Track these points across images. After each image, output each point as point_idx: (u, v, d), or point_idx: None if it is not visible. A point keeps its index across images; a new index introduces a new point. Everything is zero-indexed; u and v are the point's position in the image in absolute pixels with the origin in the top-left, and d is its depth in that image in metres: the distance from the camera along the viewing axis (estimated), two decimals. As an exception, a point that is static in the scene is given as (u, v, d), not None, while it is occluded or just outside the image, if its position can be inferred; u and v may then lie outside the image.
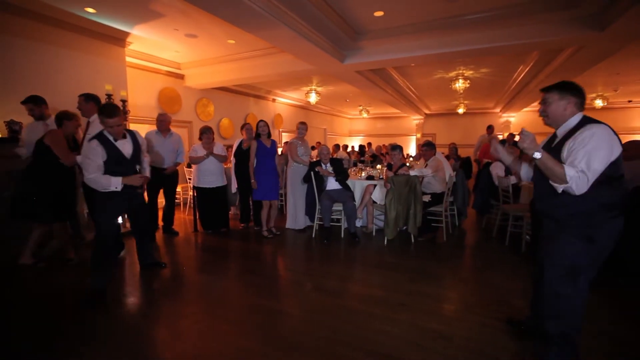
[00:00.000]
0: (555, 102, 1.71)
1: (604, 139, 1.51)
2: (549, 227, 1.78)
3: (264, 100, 9.51)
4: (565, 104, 1.68)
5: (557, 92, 1.70)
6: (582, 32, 4.03)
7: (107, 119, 2.47)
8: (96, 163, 2.46)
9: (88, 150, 2.47)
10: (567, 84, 1.71)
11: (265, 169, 4.25)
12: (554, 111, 1.72)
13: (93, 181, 2.47)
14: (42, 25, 3.93)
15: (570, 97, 1.68)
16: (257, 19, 3.56)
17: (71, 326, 2.24)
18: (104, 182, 2.49)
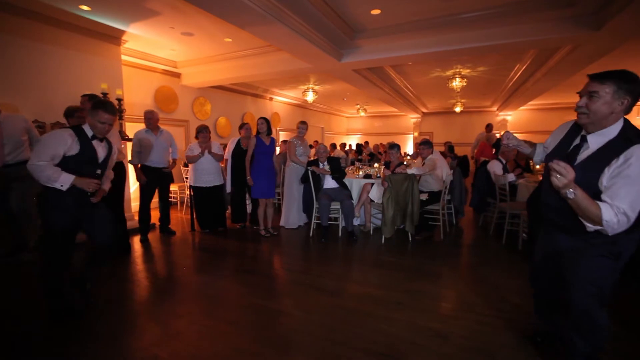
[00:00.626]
0: (605, 99, 1.30)
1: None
2: (569, 243, 1.54)
3: (261, 98, 9.48)
4: (617, 106, 1.31)
5: (614, 85, 1.29)
6: (578, 31, 4.04)
7: (103, 113, 2.22)
8: (54, 152, 2.14)
9: (53, 136, 2.17)
10: (630, 75, 1.30)
11: (263, 166, 4.24)
12: (601, 111, 1.32)
13: (38, 169, 2.09)
14: (36, 24, 3.89)
15: (627, 96, 1.29)
16: (253, 16, 3.54)
17: (65, 326, 2.22)
18: (51, 174, 2.11)
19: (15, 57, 3.76)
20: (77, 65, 4.32)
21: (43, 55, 3.99)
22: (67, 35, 4.20)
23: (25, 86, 3.82)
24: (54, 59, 4.09)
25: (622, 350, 1.96)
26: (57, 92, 4.06)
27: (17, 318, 2.35)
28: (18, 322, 2.29)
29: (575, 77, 6.69)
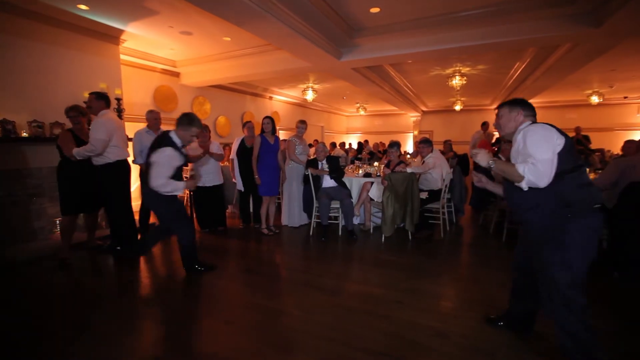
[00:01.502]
0: (505, 116, 1.84)
1: (537, 132, 1.61)
2: (531, 236, 1.82)
3: (260, 97, 9.46)
4: (516, 116, 1.81)
5: (508, 107, 1.85)
6: (578, 29, 4.03)
7: (193, 128, 2.74)
8: (172, 169, 2.68)
9: (166, 157, 2.63)
10: (516, 99, 1.87)
11: (268, 165, 4.27)
12: (505, 124, 1.84)
13: (163, 186, 2.63)
14: (34, 23, 3.88)
15: (520, 109, 1.80)
16: (251, 14, 3.53)
17: (66, 324, 2.22)
18: (173, 188, 2.68)
19: (14, 57, 3.75)
20: (76, 64, 4.31)
21: (42, 55, 3.98)
22: (66, 35, 4.19)
23: (23, 86, 3.81)
24: (52, 58, 4.08)
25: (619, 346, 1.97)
26: (55, 91, 4.06)
27: (15, 318, 2.36)
28: (15, 322, 2.30)
29: (575, 75, 6.68)
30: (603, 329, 2.15)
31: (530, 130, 1.64)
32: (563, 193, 1.59)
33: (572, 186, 1.59)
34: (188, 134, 2.74)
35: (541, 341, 2.02)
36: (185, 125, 2.72)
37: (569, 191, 1.59)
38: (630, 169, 2.98)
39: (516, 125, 1.80)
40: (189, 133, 2.74)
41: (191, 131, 2.74)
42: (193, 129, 2.73)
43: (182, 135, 2.75)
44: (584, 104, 10.36)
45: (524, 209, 1.74)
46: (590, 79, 8.03)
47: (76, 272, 3.19)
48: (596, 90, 9.28)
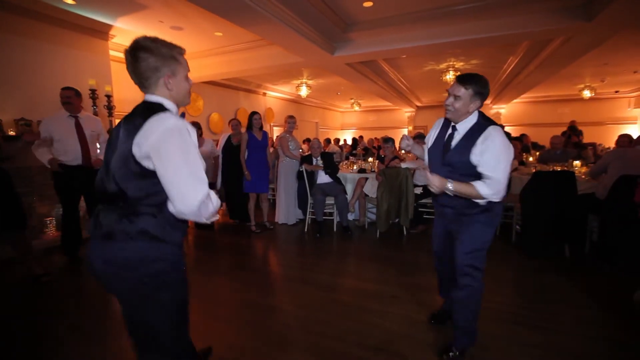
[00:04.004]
0: (465, 100, 1.65)
1: (502, 142, 1.58)
2: (457, 217, 1.81)
3: (254, 94, 9.38)
4: (472, 106, 1.66)
5: (472, 89, 1.63)
6: (570, 22, 4.04)
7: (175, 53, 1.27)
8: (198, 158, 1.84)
9: (179, 134, 1.17)
10: (482, 79, 1.65)
11: (256, 161, 4.21)
12: (461, 109, 1.66)
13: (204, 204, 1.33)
14: (19, 18, 3.78)
15: (478, 101, 1.65)
16: (242, 10, 3.47)
17: (59, 325, 2.19)
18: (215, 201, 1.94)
19: (0, 52, 3.65)
20: (64, 61, 4.22)
21: (28, 51, 3.88)
22: (53, 30, 4.09)
23: (10, 83, 3.72)
24: (39, 54, 3.98)
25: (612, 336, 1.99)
26: (43, 89, 3.96)
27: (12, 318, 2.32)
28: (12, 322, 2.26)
29: (568, 69, 6.72)
30: (595, 321, 2.17)
31: (496, 138, 1.57)
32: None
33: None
34: (182, 78, 1.20)
35: (535, 333, 2.04)
36: (169, 65, 1.16)
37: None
38: (619, 160, 3.03)
39: (468, 114, 1.69)
40: (182, 72, 1.20)
41: (184, 65, 1.21)
42: (182, 59, 1.20)
43: (175, 88, 1.19)
44: (576, 98, 10.43)
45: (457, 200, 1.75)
46: (582, 73, 8.08)
47: (68, 272, 3.15)
48: (588, 84, 9.34)
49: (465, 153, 1.65)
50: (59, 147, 3.14)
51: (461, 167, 1.68)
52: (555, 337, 2.01)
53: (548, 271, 2.96)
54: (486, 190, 1.58)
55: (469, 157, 1.64)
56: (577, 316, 2.23)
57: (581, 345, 1.93)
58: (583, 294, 2.54)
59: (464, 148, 1.66)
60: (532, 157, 5.51)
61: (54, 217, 4.03)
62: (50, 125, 3.11)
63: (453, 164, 1.71)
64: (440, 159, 1.78)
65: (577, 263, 3.14)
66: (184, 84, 1.20)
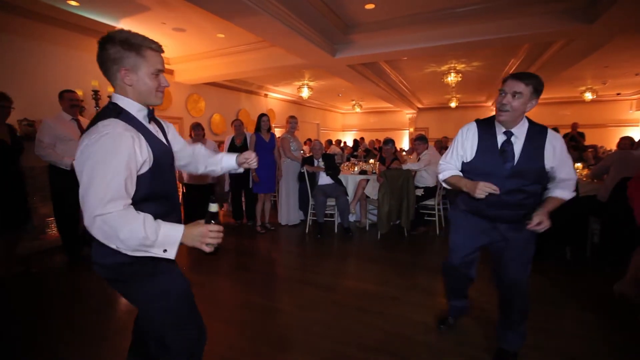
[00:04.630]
0: (525, 98, 1.51)
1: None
2: (510, 230, 1.72)
3: (255, 95, 9.40)
4: (529, 106, 1.56)
5: (533, 85, 1.50)
6: (572, 25, 4.04)
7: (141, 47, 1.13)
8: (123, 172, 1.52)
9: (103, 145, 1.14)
10: (539, 76, 1.55)
11: (263, 162, 4.24)
12: (520, 108, 1.53)
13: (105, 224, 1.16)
14: (24, 20, 3.80)
15: (535, 100, 1.55)
16: (243, 10, 3.49)
17: (60, 327, 2.20)
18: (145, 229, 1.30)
19: (3, 54, 3.68)
20: (67, 62, 4.24)
21: (32, 52, 3.91)
22: (56, 32, 4.11)
23: (13, 84, 3.74)
24: (43, 56, 4.01)
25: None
26: (46, 89, 3.98)
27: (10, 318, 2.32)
28: (10, 323, 2.27)
29: (570, 71, 6.72)
30: (595, 323, 2.17)
31: (559, 139, 1.59)
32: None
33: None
34: (145, 73, 1.09)
35: (536, 335, 2.03)
36: (126, 59, 1.07)
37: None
38: (622, 162, 3.03)
39: (522, 115, 1.57)
40: (145, 67, 1.09)
41: (148, 60, 1.10)
42: (149, 53, 1.11)
43: (135, 85, 1.09)
44: (577, 100, 10.42)
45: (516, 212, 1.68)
46: (584, 75, 8.07)
47: (66, 272, 3.16)
48: (590, 86, 9.33)
49: (535, 160, 1.55)
50: (63, 149, 3.14)
51: (533, 175, 1.57)
52: (556, 339, 2.00)
53: (549, 273, 2.95)
54: (569, 194, 1.60)
55: (542, 163, 1.56)
56: (577, 318, 2.23)
57: (581, 347, 1.92)
58: (584, 296, 2.54)
59: (534, 154, 1.55)
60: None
61: (54, 217, 4.04)
62: (54, 127, 3.12)
63: (524, 174, 1.57)
64: (501, 169, 1.59)
65: (578, 265, 3.14)
66: (148, 82, 1.07)
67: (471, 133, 1.70)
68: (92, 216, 0.91)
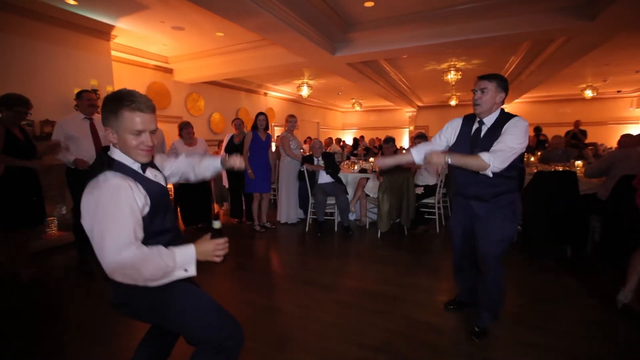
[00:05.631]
0: (492, 92, 1.81)
1: (524, 125, 1.74)
2: (483, 208, 1.90)
3: (255, 94, 9.39)
4: (497, 98, 1.82)
5: (496, 82, 1.80)
6: (572, 22, 4.03)
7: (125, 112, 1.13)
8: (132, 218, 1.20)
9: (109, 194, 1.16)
10: (501, 75, 1.84)
11: (258, 161, 4.23)
12: (489, 101, 1.81)
13: (123, 266, 1.13)
14: (21, 19, 3.79)
15: (502, 92, 1.82)
16: (243, 9, 3.48)
17: (59, 327, 2.20)
18: (162, 262, 1.22)
19: (1, 53, 3.66)
20: (66, 61, 4.23)
21: (30, 51, 3.89)
22: (54, 31, 4.10)
23: (12, 83, 3.72)
24: (41, 55, 3.99)
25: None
26: (45, 89, 3.97)
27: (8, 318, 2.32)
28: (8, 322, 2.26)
29: (570, 69, 6.70)
30: (597, 321, 2.17)
31: (519, 123, 1.74)
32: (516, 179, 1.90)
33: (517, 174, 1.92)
34: (124, 131, 1.09)
35: (536, 333, 2.03)
36: (111, 115, 1.09)
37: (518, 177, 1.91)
38: (623, 161, 3.01)
39: (494, 108, 1.83)
40: (123, 127, 1.09)
41: (125, 121, 1.08)
42: (126, 114, 1.07)
43: (118, 143, 1.13)
44: (578, 98, 10.40)
45: (485, 189, 1.87)
46: (584, 73, 8.05)
47: (64, 272, 3.16)
48: (590, 84, 9.31)
49: (493, 140, 1.76)
50: (74, 148, 3.19)
51: None
52: (556, 338, 2.00)
53: (549, 272, 2.95)
54: (489, 158, 1.66)
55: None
56: (578, 317, 2.23)
57: (582, 346, 1.92)
58: (584, 294, 2.53)
59: (492, 137, 1.77)
60: (533, 157, 5.49)
61: (55, 217, 4.04)
62: (67, 127, 3.18)
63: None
64: (469, 151, 1.86)
65: (578, 264, 3.13)
66: (128, 141, 1.08)
67: (456, 122, 2.05)
68: (111, 267, 0.99)
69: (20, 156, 2.76)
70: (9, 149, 2.69)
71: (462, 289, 2.32)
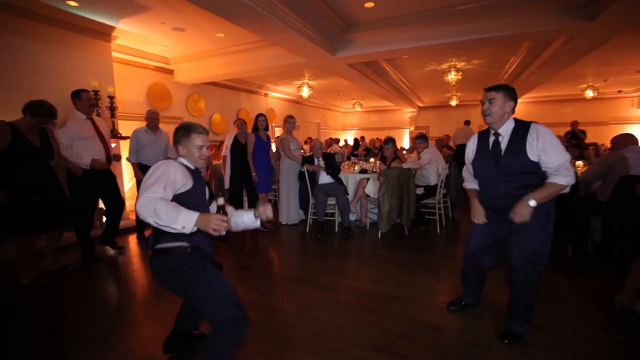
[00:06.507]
0: (500, 101, 1.84)
1: (552, 135, 1.76)
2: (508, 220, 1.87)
3: (256, 94, 9.40)
4: (507, 107, 1.85)
5: (503, 91, 1.84)
6: (572, 22, 4.03)
7: (193, 135, 1.66)
8: (170, 184, 1.58)
9: (164, 166, 1.61)
10: (507, 85, 1.89)
11: (261, 162, 4.26)
12: (498, 111, 1.84)
13: (143, 205, 1.46)
14: (22, 20, 3.80)
15: (511, 101, 1.84)
16: (243, 10, 3.49)
17: (60, 326, 2.20)
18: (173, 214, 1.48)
19: (2, 54, 3.67)
20: (66, 62, 4.24)
21: (31, 52, 3.90)
22: (55, 32, 4.11)
23: (12, 85, 3.74)
24: (42, 56, 4.00)
25: (616, 340, 1.98)
26: (45, 90, 3.98)
27: (8, 318, 2.33)
28: (9, 322, 2.27)
29: (570, 69, 6.69)
30: (598, 321, 2.16)
31: (543, 130, 1.75)
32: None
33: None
34: (192, 147, 1.64)
35: (537, 333, 2.03)
36: (182, 140, 1.65)
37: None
38: (620, 162, 3.00)
39: (505, 118, 1.85)
40: (192, 144, 1.64)
41: (193, 140, 1.64)
42: (194, 136, 1.64)
43: (186, 154, 1.66)
44: (578, 98, 10.39)
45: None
46: (585, 73, 8.04)
47: (69, 273, 3.16)
48: (591, 84, 9.30)
49: (518, 153, 1.79)
50: (80, 148, 3.17)
51: (518, 167, 1.80)
52: (557, 338, 2.00)
53: (550, 272, 2.94)
54: (564, 179, 1.70)
55: (525, 155, 1.77)
56: (579, 317, 2.22)
57: (583, 346, 1.92)
58: (585, 294, 2.53)
59: (516, 148, 1.80)
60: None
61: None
62: (71, 128, 3.18)
63: (509, 165, 1.82)
64: (493, 164, 1.89)
65: (579, 264, 3.13)
66: (193, 153, 1.66)
67: (471, 141, 2.07)
68: (142, 195, 1.39)
69: (32, 160, 2.75)
70: (19, 153, 2.68)
71: (466, 292, 2.32)
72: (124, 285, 2.91)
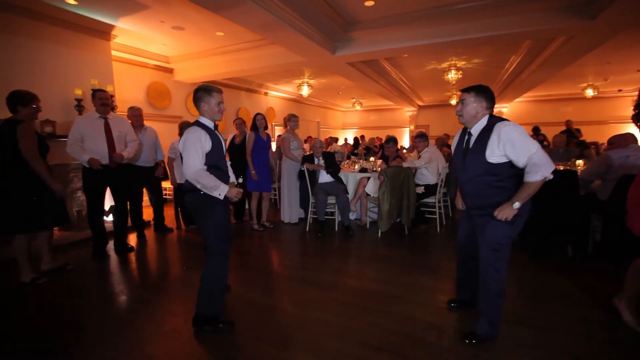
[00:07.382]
0: (470, 102, 1.86)
1: (516, 129, 1.72)
2: (480, 216, 1.90)
3: (256, 93, 9.39)
4: (479, 107, 1.85)
5: (474, 92, 1.85)
6: (573, 21, 4.02)
7: (214, 94, 2.03)
8: (201, 154, 1.97)
9: (191, 137, 1.95)
10: (480, 85, 1.88)
11: (260, 161, 4.25)
12: (470, 112, 1.86)
13: (193, 175, 1.94)
14: (21, 19, 3.79)
15: (483, 101, 1.84)
16: (243, 9, 3.48)
17: (61, 326, 2.20)
18: (213, 183, 1.97)
19: (1, 53, 3.66)
20: (66, 61, 4.23)
21: (30, 51, 3.90)
22: (55, 31, 4.10)
23: (11, 83, 3.68)
24: (41, 55, 4.00)
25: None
26: (45, 89, 3.97)
27: (8, 318, 2.33)
28: (10, 322, 2.27)
29: (570, 68, 6.68)
30: (598, 321, 2.16)
31: (505, 127, 1.72)
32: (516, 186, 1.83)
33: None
34: (213, 103, 2.02)
35: (537, 333, 2.03)
36: (205, 98, 2.01)
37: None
38: (621, 161, 2.99)
39: (478, 116, 1.86)
40: (213, 100, 2.01)
41: (215, 97, 2.02)
42: (214, 94, 2.02)
43: (207, 109, 2.03)
44: (578, 97, 10.38)
45: (487, 197, 1.87)
46: (585, 72, 8.04)
47: (67, 273, 3.16)
48: (591, 83, 9.29)
49: (478, 154, 1.81)
50: (87, 146, 3.24)
51: (474, 168, 1.84)
52: (557, 338, 2.00)
53: (550, 271, 2.95)
54: (538, 174, 1.67)
55: (482, 156, 1.78)
56: (579, 316, 2.22)
57: (583, 346, 1.92)
58: (585, 294, 2.53)
59: (478, 149, 1.82)
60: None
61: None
62: (82, 125, 3.25)
63: (473, 165, 1.85)
64: (461, 163, 1.94)
65: (579, 263, 3.13)
66: (214, 108, 2.05)
67: (456, 136, 2.13)
68: (190, 173, 1.93)
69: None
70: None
71: (459, 286, 2.34)
72: (124, 285, 2.91)
